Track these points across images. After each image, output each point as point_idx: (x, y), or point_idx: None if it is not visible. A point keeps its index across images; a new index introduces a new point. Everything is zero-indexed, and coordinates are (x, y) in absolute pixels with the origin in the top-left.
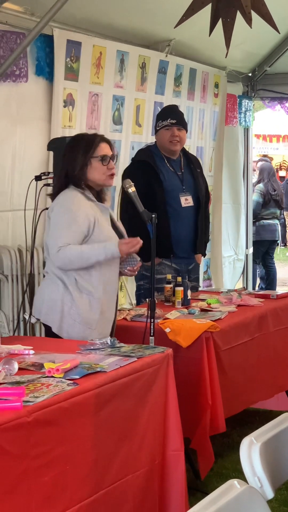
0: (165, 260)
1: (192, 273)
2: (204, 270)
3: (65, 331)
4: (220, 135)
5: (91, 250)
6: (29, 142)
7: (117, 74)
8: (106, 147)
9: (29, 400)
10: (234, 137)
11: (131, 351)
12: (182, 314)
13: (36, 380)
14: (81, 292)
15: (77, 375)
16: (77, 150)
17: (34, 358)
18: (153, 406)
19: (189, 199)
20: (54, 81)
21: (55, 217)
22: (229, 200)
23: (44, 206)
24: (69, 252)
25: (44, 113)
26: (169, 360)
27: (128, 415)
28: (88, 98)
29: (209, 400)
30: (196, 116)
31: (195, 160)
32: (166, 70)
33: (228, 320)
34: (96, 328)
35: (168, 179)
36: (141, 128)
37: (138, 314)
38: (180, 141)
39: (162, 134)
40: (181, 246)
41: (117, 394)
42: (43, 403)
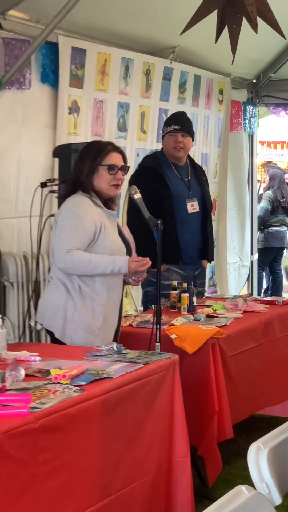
0: (172, 266)
1: (198, 278)
2: (209, 276)
3: (68, 337)
4: (224, 142)
5: (100, 261)
6: (34, 149)
7: (122, 81)
8: (117, 157)
9: (36, 407)
10: (239, 144)
11: (137, 358)
12: (188, 320)
13: (43, 387)
14: (84, 298)
15: (84, 382)
16: (87, 156)
17: (41, 365)
18: (160, 412)
19: (195, 205)
20: (59, 88)
21: (62, 220)
22: (234, 207)
23: (50, 212)
24: (77, 257)
25: (49, 120)
26: (175, 366)
27: (134, 421)
28: (93, 105)
29: (216, 407)
30: (200, 122)
31: (200, 168)
32: (171, 76)
33: (234, 326)
34: (99, 334)
35: (175, 185)
36: (146, 135)
37: (144, 320)
38: (184, 148)
39: (166, 140)
40: (188, 252)
41: (124, 400)
42: (50, 409)
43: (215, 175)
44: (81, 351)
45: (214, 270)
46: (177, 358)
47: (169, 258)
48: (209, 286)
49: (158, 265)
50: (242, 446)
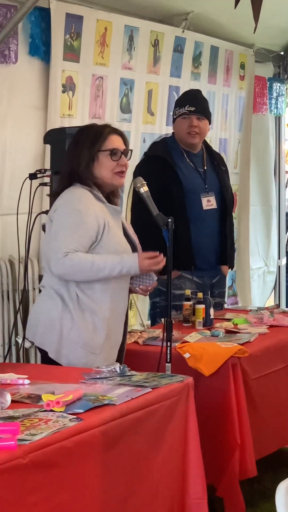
0: (185, 272)
1: (216, 287)
2: (229, 284)
3: (64, 357)
4: (247, 125)
5: (105, 262)
6: (21, 135)
7: (125, 54)
8: (118, 140)
9: (25, 439)
10: (264, 127)
11: (144, 381)
12: (204, 336)
13: (33, 415)
14: (83, 310)
15: (81, 409)
16: (83, 143)
17: (30, 389)
18: (171, 446)
19: (211, 200)
20: (51, 62)
21: (59, 218)
22: (258, 202)
23: (40, 209)
24: (77, 260)
25: (40, 100)
26: (189, 391)
27: (141, 456)
28: (91, 82)
29: (238, 439)
30: (218, 102)
31: (218, 157)
32: (183, 48)
33: (259, 344)
34: (101, 353)
35: (188, 177)
36: (154, 117)
37: (152, 337)
38: (200, 133)
39: (179, 123)
40: (203, 256)
41: (128, 431)
42: (41, 442)
43: (235, 165)
44: (78, 373)
45: (234, 278)
46: (192, 381)
47: (180, 263)
48: (228, 296)
49: (169, 271)
50: (268, 486)
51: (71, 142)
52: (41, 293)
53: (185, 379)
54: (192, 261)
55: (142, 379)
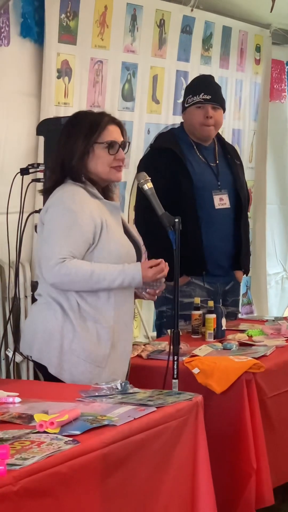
0: (195, 278)
1: (230, 295)
2: (243, 292)
3: (66, 372)
4: (263, 114)
5: (105, 272)
6: (12, 125)
7: (128, 35)
8: (116, 131)
9: (15, 463)
10: (282, 117)
11: (149, 399)
12: (215, 349)
13: (24, 437)
14: (85, 319)
15: (78, 430)
16: (77, 133)
17: (21, 408)
18: (178, 472)
19: (224, 199)
20: (45, 44)
21: (51, 220)
22: (275, 200)
23: (33, 208)
24: (74, 269)
25: (32, 86)
26: (198, 411)
27: (145, 483)
28: (90, 66)
29: (254, 464)
30: (231, 89)
31: (232, 150)
32: (192, 29)
33: (276, 358)
34: (107, 366)
35: (198, 173)
36: (159, 106)
37: (157, 350)
38: (216, 124)
39: (192, 113)
40: (215, 260)
41: (131, 455)
42: (33, 467)
43: (250, 159)
44: (74, 390)
45: (249, 284)
46: (201, 399)
47: (191, 268)
48: (243, 305)
49: (176, 278)
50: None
51: (62, 131)
52: (37, 302)
53: (194, 397)
54: (204, 265)
55: (146, 397)
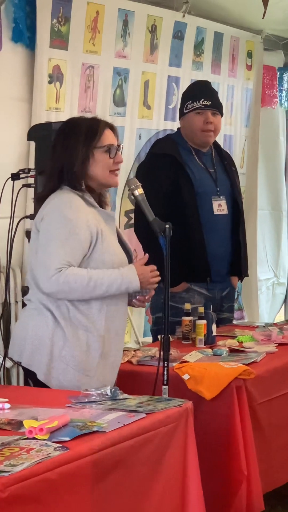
0: (194, 285)
1: (226, 301)
2: None
3: (55, 379)
4: (255, 120)
5: (102, 277)
6: (3, 130)
7: (119, 41)
8: (111, 135)
9: (4, 470)
10: (274, 123)
11: (138, 405)
12: (206, 355)
13: (13, 443)
14: (76, 327)
15: (67, 437)
16: (75, 139)
17: (10, 414)
18: (168, 479)
19: (223, 205)
20: (37, 49)
21: (48, 228)
22: (266, 206)
23: (24, 213)
24: (72, 277)
25: (23, 91)
26: (188, 417)
27: (134, 490)
28: (81, 71)
29: (245, 470)
30: (223, 95)
31: (228, 156)
32: (184, 34)
33: (267, 364)
34: (95, 375)
35: (198, 179)
36: (151, 111)
37: (147, 356)
38: (215, 130)
39: (191, 119)
40: (216, 266)
41: (120, 462)
42: (22, 473)
43: (241, 164)
44: (64, 397)
45: (240, 290)
46: (191, 405)
47: (193, 275)
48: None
49: (166, 283)
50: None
51: (58, 137)
52: (27, 307)
53: (183, 403)
54: (208, 272)
55: (136, 403)
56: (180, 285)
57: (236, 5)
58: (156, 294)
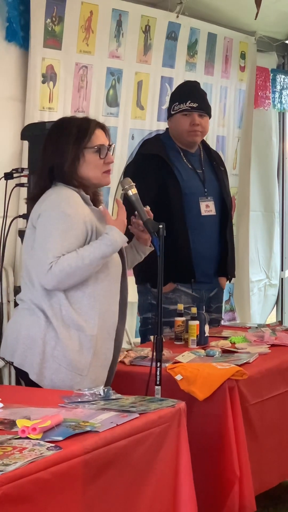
0: (181, 285)
1: (214, 301)
2: (226, 298)
3: (47, 379)
4: (247, 121)
5: (94, 250)
6: None
7: (113, 41)
8: (102, 135)
9: None
10: (266, 124)
11: (131, 405)
12: (198, 356)
13: (6, 443)
14: (69, 327)
15: (60, 436)
16: (66, 139)
17: (3, 414)
18: (160, 479)
19: (210, 206)
20: (30, 49)
21: (45, 224)
22: (259, 207)
23: (16, 213)
24: (66, 263)
25: (17, 91)
26: (181, 417)
27: (127, 490)
28: (75, 71)
29: (237, 471)
30: (216, 96)
31: (217, 156)
32: (177, 35)
33: (259, 365)
34: (88, 374)
35: (185, 179)
36: (144, 111)
37: (140, 356)
38: (202, 131)
39: (178, 120)
40: (201, 267)
41: (113, 461)
42: (15, 473)
43: (234, 165)
44: (57, 396)
45: (232, 291)
46: (184, 406)
47: (178, 276)
48: (225, 312)
49: (159, 284)
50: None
51: (48, 137)
52: (18, 307)
53: (176, 403)
54: (192, 273)
55: (129, 403)
56: (167, 286)
57: (230, 6)
58: (143, 295)
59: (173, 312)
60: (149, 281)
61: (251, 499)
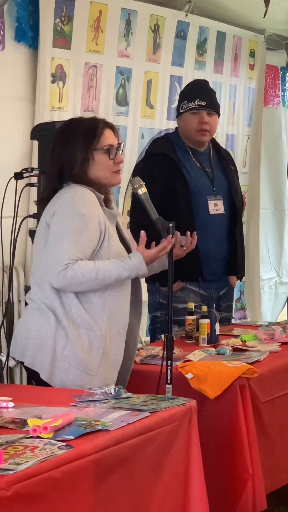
0: (189, 284)
1: (224, 300)
2: (237, 297)
3: (58, 378)
4: (257, 120)
5: (111, 269)
6: (6, 129)
7: (122, 40)
8: (111, 135)
9: (9, 468)
10: (276, 122)
11: (142, 404)
12: (209, 354)
13: (18, 442)
14: (78, 326)
15: (72, 435)
16: (74, 141)
17: (14, 413)
18: (171, 477)
19: (219, 205)
20: (40, 49)
21: (60, 223)
22: (269, 205)
23: (27, 212)
24: (80, 271)
25: (26, 91)
26: (191, 416)
27: (137, 488)
28: (84, 71)
29: (250, 469)
30: (225, 94)
31: (227, 154)
32: (187, 34)
33: (270, 363)
34: (98, 374)
35: (194, 178)
36: (153, 110)
37: (151, 355)
38: (211, 130)
39: (187, 119)
40: (210, 265)
41: (124, 460)
42: (26, 472)
43: (244, 164)
44: (68, 395)
45: (243, 289)
46: (195, 404)
47: (185, 274)
48: (236, 310)
49: (170, 282)
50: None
51: (57, 139)
52: (28, 307)
53: (187, 402)
54: (200, 271)
55: (140, 402)
56: (175, 284)
57: (239, 4)
58: (152, 294)
59: (182, 311)
60: (158, 280)
61: (262, 497)
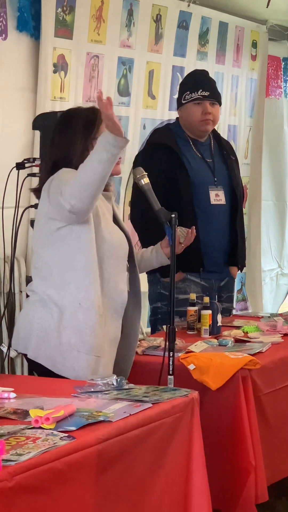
0: (190, 275)
1: (225, 291)
2: (238, 288)
3: (69, 369)
4: (259, 111)
5: (87, 160)
6: (8, 119)
7: (124, 30)
8: None
9: (10, 459)
10: (278, 113)
11: (144, 395)
12: (211, 346)
13: (19, 433)
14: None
15: (74, 426)
16: (73, 131)
17: (16, 404)
18: (173, 468)
19: (220, 195)
20: (41, 38)
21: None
22: (271, 197)
23: (28, 202)
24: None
25: (28, 81)
26: (194, 407)
27: (140, 479)
28: (86, 61)
29: (252, 461)
30: (227, 85)
31: (228, 145)
32: (189, 24)
33: (272, 354)
34: (104, 354)
35: (195, 168)
36: (155, 101)
37: (153, 346)
38: (214, 120)
39: (190, 109)
40: (211, 256)
41: (126, 451)
42: (28, 462)
43: (246, 155)
44: (69, 386)
45: (244, 280)
46: (197, 395)
47: (186, 265)
48: (237, 301)
49: (172, 273)
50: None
51: (56, 129)
52: (29, 299)
53: (189, 393)
54: (201, 262)
55: (142, 393)
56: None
57: None
58: (153, 284)
59: (182, 302)
60: (159, 271)
61: (263, 488)
